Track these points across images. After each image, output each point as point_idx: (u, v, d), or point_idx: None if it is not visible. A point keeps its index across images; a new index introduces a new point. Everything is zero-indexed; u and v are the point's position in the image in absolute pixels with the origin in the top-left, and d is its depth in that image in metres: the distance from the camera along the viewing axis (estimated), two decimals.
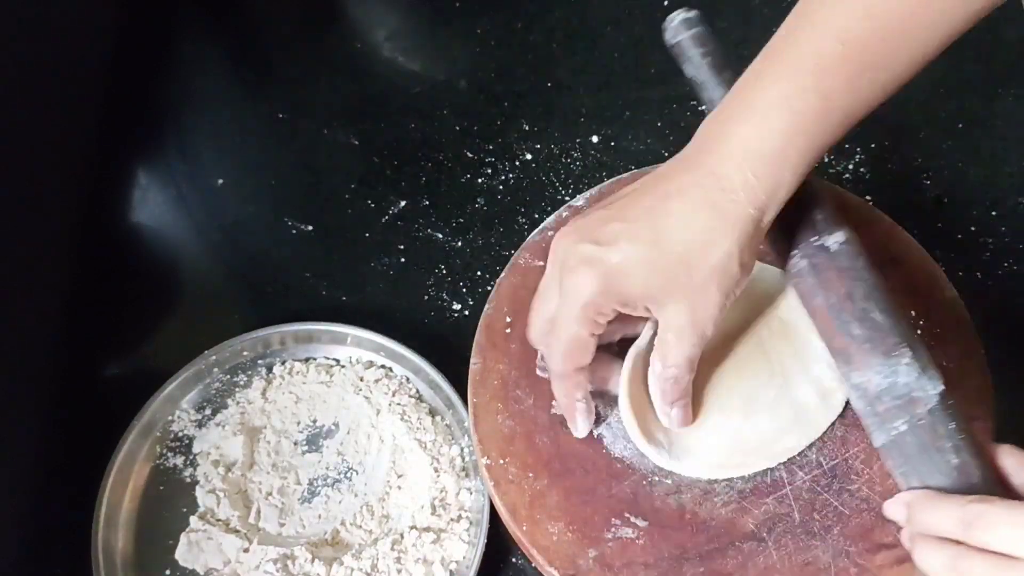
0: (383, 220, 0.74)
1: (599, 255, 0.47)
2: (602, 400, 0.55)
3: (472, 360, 0.59)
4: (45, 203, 0.71)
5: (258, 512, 0.62)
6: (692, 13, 0.56)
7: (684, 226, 0.46)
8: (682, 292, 0.47)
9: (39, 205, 0.70)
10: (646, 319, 0.51)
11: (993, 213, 0.71)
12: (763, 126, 0.46)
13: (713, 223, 0.46)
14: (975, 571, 0.39)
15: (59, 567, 0.62)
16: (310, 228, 0.75)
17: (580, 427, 0.54)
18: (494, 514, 0.58)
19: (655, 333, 0.51)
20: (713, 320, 0.48)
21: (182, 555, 0.61)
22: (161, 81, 0.84)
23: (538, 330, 0.52)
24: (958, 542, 0.40)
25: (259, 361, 0.68)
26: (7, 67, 0.68)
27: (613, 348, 0.54)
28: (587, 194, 0.64)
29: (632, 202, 0.48)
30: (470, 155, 0.77)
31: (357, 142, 0.79)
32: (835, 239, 0.49)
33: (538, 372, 0.56)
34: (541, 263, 0.62)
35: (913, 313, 0.58)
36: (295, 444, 0.65)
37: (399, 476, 0.63)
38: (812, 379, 0.56)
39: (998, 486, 0.43)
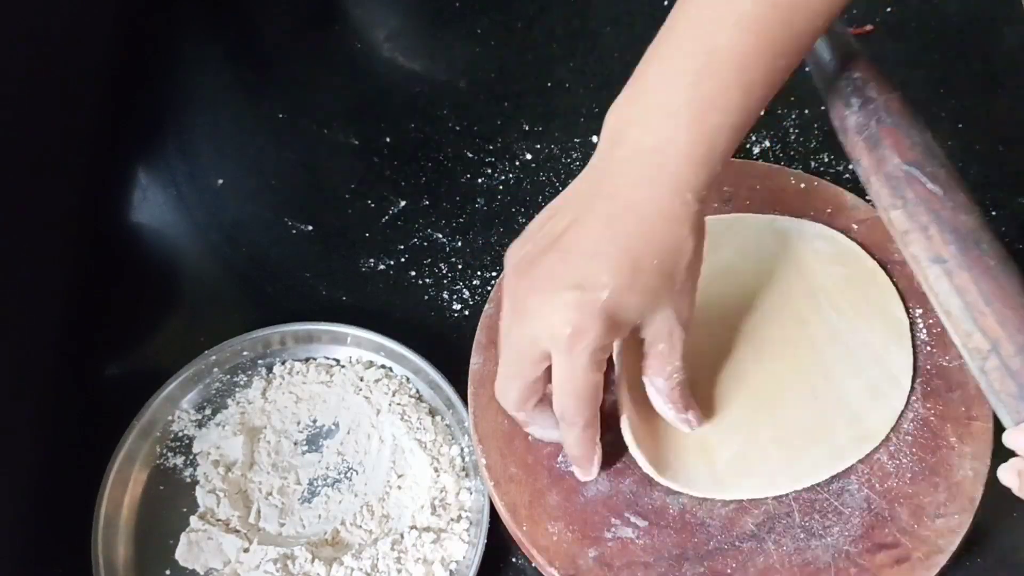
0: (383, 220, 0.74)
1: (588, 299, 0.45)
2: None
3: (472, 360, 0.59)
4: (45, 203, 0.71)
5: (258, 512, 0.62)
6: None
7: (650, 240, 0.46)
8: (667, 300, 0.47)
9: (39, 205, 0.70)
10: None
11: (993, 213, 0.71)
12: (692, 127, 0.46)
13: (672, 227, 0.46)
14: None
15: (59, 567, 0.62)
16: (310, 228, 0.75)
17: (595, 469, 0.53)
18: (494, 514, 0.58)
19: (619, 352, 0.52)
20: (691, 312, 0.49)
21: (182, 555, 0.61)
22: (161, 81, 0.84)
23: (522, 394, 0.50)
24: None
25: (259, 361, 0.68)
26: (7, 67, 0.67)
27: None
28: None
29: (583, 235, 0.47)
30: (470, 155, 0.77)
31: (357, 142, 0.79)
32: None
33: (536, 434, 0.54)
34: None
35: (915, 313, 0.58)
36: (295, 444, 0.65)
37: (399, 476, 0.63)
38: (861, 368, 0.56)
39: None
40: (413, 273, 0.72)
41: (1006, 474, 0.48)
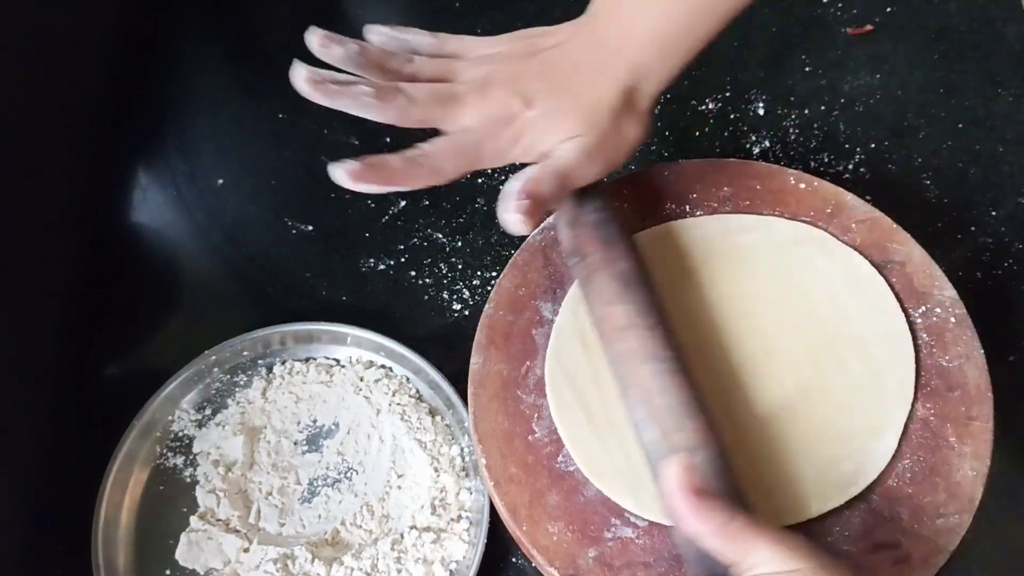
0: (383, 220, 0.74)
1: (520, 111, 0.54)
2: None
3: (472, 360, 0.59)
4: (45, 203, 0.71)
5: (258, 512, 0.62)
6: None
7: (590, 86, 0.55)
8: (586, 129, 0.54)
9: (39, 205, 0.70)
10: None
11: (993, 213, 0.71)
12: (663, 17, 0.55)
13: (609, 85, 0.54)
14: None
15: (59, 567, 0.62)
16: (310, 228, 0.75)
17: (359, 189, 0.56)
18: (494, 514, 0.58)
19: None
20: (608, 159, 0.55)
21: (182, 555, 0.61)
22: (161, 81, 0.84)
23: (433, 110, 0.55)
24: None
25: (259, 361, 0.68)
26: (7, 67, 0.68)
27: None
28: None
29: (555, 63, 0.56)
30: None
31: (357, 142, 0.79)
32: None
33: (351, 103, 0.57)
34: (541, 263, 0.62)
35: (915, 313, 0.58)
36: (295, 444, 0.65)
37: (399, 476, 0.63)
38: (860, 387, 0.55)
39: None
40: (413, 273, 0.72)
41: None
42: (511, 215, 0.53)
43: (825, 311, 0.58)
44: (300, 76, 0.56)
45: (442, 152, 0.54)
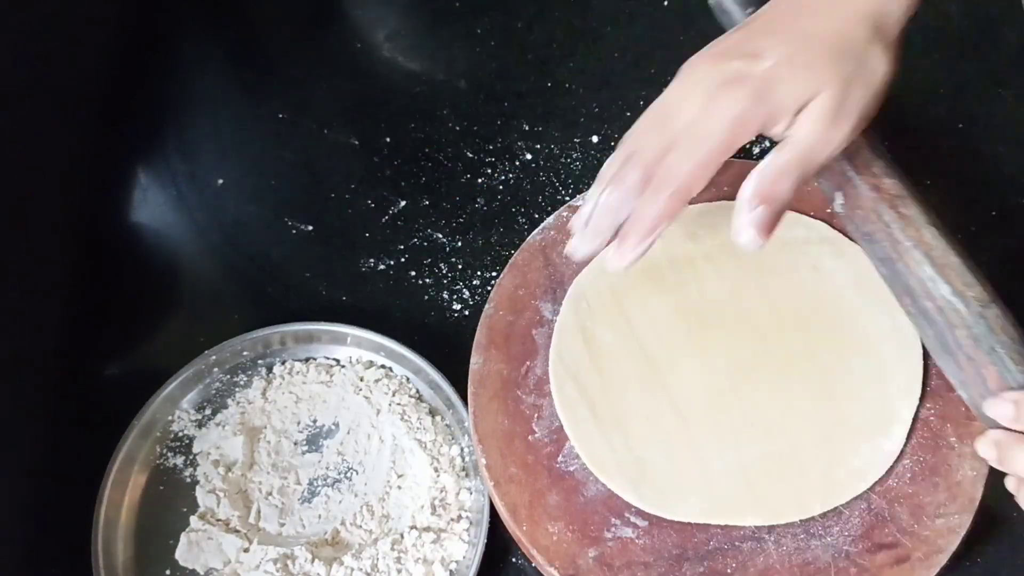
0: (383, 220, 0.74)
1: (748, 68, 0.45)
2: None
3: (472, 360, 0.59)
4: (45, 203, 0.71)
5: (258, 512, 0.62)
6: None
7: (825, 19, 0.47)
8: (831, 78, 0.46)
9: (39, 205, 0.70)
10: None
11: (993, 213, 0.71)
12: None
13: (849, 11, 0.47)
14: None
15: (59, 567, 0.62)
16: (310, 228, 0.75)
17: (636, 255, 0.47)
18: (494, 514, 0.58)
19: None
20: (860, 111, 0.47)
21: (182, 555, 0.61)
22: (161, 81, 0.84)
23: (651, 140, 0.46)
24: None
25: (259, 361, 0.68)
26: (7, 67, 0.68)
27: None
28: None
29: (767, 19, 0.48)
30: (470, 155, 0.76)
31: (357, 142, 0.79)
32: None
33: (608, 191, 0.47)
34: (541, 263, 0.62)
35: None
36: (295, 444, 0.65)
37: (399, 476, 0.63)
38: (867, 384, 0.55)
39: None
40: (413, 273, 0.72)
41: (984, 446, 0.49)
42: (746, 232, 0.45)
43: (832, 309, 0.58)
44: (615, 264, 0.48)
45: (672, 169, 0.46)
